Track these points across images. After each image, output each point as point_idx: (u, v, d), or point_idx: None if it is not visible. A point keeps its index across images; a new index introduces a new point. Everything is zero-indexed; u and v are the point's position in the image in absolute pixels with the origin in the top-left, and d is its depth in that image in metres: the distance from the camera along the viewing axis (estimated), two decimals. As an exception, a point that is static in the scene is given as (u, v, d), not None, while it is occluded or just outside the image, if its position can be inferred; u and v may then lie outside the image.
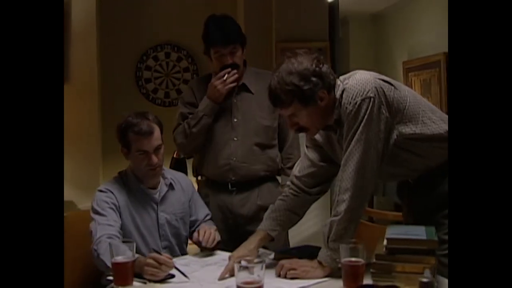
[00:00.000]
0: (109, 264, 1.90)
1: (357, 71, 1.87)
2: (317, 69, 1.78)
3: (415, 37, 5.47)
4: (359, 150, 1.75)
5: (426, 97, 4.74)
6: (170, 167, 3.77)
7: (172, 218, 2.24)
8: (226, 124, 2.49)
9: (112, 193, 2.16)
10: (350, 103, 1.76)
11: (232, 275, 1.79)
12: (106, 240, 1.99)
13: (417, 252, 1.67)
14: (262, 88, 2.48)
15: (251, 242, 2.02)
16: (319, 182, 2.06)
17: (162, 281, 1.81)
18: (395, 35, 6.00)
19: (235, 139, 2.47)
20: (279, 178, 2.62)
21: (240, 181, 2.48)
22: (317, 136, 2.00)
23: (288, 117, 1.86)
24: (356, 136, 1.76)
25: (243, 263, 1.48)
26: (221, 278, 1.85)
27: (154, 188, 2.22)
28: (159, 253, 1.85)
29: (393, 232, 1.75)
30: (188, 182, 2.38)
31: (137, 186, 2.20)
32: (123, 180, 2.22)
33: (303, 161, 2.10)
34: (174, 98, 4.30)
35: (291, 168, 2.51)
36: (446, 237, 1.72)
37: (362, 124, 1.75)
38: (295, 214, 2.07)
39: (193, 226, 2.32)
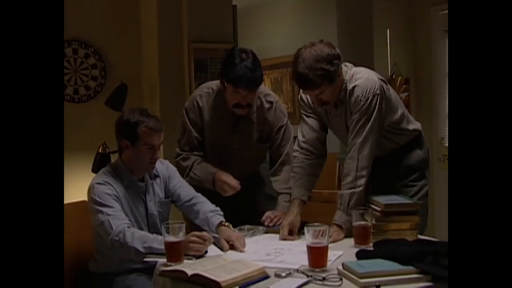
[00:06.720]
0: (141, 249, 2.09)
1: (361, 68, 2.30)
2: (335, 53, 2.18)
3: (263, 41, 5.95)
4: (372, 136, 2.21)
5: (278, 94, 5.37)
6: (95, 162, 3.82)
7: (158, 206, 2.41)
8: (227, 150, 2.64)
9: (111, 184, 2.27)
10: (364, 96, 2.20)
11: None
12: (127, 229, 2.15)
13: (405, 213, 2.20)
14: (259, 114, 2.63)
15: (293, 211, 2.34)
16: (323, 144, 2.42)
17: (201, 256, 2.05)
18: (241, 40, 6.46)
19: (234, 162, 2.64)
20: None
21: None
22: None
23: (315, 96, 2.22)
24: (369, 125, 2.20)
25: (312, 229, 1.82)
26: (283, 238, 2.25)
27: (142, 180, 2.38)
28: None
29: (383, 199, 2.25)
30: (163, 166, 2.47)
31: (128, 178, 2.33)
32: (115, 172, 2.34)
33: (304, 128, 2.45)
34: (83, 94, 4.25)
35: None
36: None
37: (373, 116, 2.20)
38: (314, 176, 2.43)
39: (177, 202, 2.47)
